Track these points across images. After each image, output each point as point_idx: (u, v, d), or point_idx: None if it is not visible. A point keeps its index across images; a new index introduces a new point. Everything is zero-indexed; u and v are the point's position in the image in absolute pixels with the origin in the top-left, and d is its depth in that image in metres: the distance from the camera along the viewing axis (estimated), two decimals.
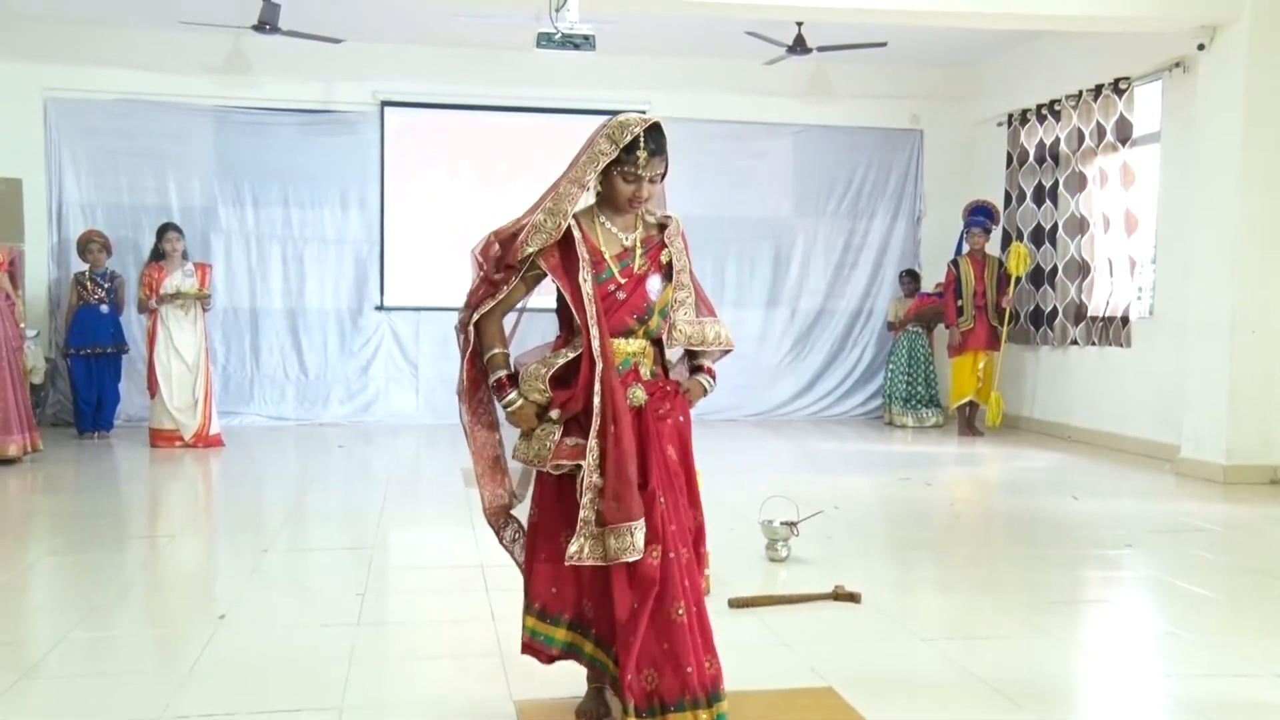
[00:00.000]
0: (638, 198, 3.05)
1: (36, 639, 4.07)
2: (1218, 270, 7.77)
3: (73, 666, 3.69)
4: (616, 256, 3.09)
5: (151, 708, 3.24)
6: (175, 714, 3.20)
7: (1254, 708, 3.36)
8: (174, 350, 8.95)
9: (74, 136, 10.24)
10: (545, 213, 3.07)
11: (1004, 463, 8.72)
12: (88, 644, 3.94)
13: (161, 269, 9.03)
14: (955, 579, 5.21)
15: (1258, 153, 7.55)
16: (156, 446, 8.86)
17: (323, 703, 3.29)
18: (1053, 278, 10.03)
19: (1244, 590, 4.92)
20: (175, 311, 8.98)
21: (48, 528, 6.33)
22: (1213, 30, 7.78)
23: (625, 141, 2.99)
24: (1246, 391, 7.64)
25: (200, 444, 8.89)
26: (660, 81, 10.89)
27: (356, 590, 4.58)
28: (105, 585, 4.76)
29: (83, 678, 3.59)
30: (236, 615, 4.26)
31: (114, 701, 3.32)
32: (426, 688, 3.50)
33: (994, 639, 4.09)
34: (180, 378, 8.94)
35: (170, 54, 10.15)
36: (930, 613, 4.58)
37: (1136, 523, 6.28)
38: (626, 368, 3.09)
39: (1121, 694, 3.60)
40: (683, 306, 3.18)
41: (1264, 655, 3.87)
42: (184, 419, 8.91)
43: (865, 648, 3.94)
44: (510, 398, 3.17)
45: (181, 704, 3.28)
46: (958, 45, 10.45)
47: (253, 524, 6.36)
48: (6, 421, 7.85)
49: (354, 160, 10.73)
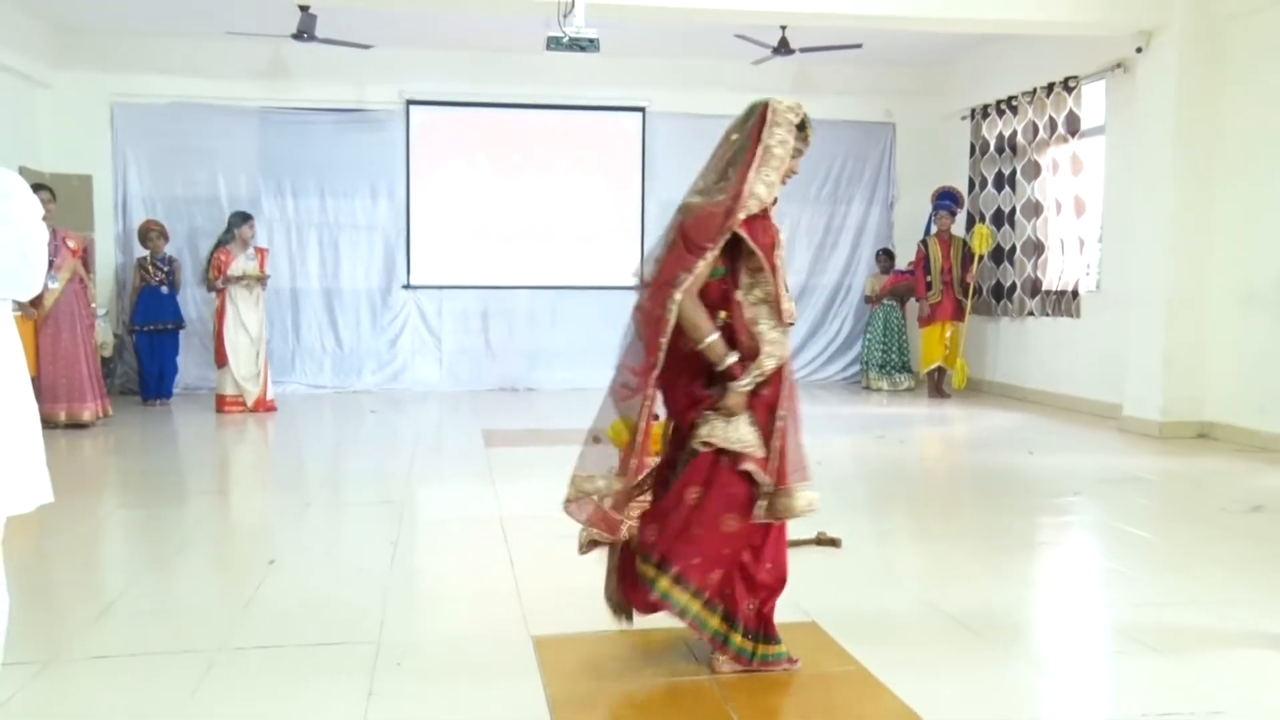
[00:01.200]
0: (793, 172, 2.99)
1: (111, 581, 4.12)
2: (1155, 250, 7.78)
3: (143, 604, 3.74)
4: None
5: (214, 639, 3.29)
6: (233, 646, 3.25)
7: (1182, 631, 3.41)
8: (241, 325, 8.99)
9: (136, 137, 10.23)
10: (764, 185, 2.89)
11: (968, 422, 8.75)
12: (155, 585, 4.00)
13: (229, 253, 9.06)
14: (925, 526, 5.25)
15: (1189, 145, 7.57)
16: (222, 411, 8.91)
17: (362, 637, 3.33)
18: (1011, 256, 10.02)
19: (1177, 532, 4.96)
20: (241, 291, 9.02)
21: (119, 484, 6.39)
22: (1149, 35, 7.78)
23: (799, 121, 2.96)
24: (1179, 356, 7.67)
25: (260, 409, 8.96)
26: (658, 80, 10.85)
27: (389, 540, 4.62)
28: (170, 535, 4.81)
29: (151, 614, 3.64)
30: (284, 562, 4.30)
31: (179, 635, 3.37)
32: (452, 625, 3.55)
33: (959, 579, 4.13)
34: (245, 350, 8.99)
35: (219, 61, 10.12)
36: (903, 557, 4.63)
37: (1084, 474, 6.31)
38: None
39: (1070, 624, 3.66)
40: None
41: (1193, 587, 3.92)
42: (248, 386, 8.97)
43: (845, 588, 3.97)
44: (745, 382, 2.87)
45: (238, 637, 3.33)
46: (926, 47, 10.40)
47: (297, 481, 6.41)
48: (81, 390, 7.89)
49: (383, 154, 10.70)
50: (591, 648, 3.26)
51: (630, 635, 3.30)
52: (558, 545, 4.55)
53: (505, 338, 10.99)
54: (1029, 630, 3.59)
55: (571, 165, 11.06)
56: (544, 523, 4.92)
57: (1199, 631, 3.43)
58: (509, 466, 6.49)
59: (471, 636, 3.39)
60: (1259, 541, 4.57)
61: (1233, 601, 3.73)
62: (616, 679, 3.02)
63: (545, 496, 5.53)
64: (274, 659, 3.18)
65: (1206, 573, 4.17)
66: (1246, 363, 7.26)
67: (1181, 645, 3.28)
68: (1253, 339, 7.20)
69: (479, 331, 10.99)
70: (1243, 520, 5.05)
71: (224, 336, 8.97)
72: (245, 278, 9.01)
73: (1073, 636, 3.54)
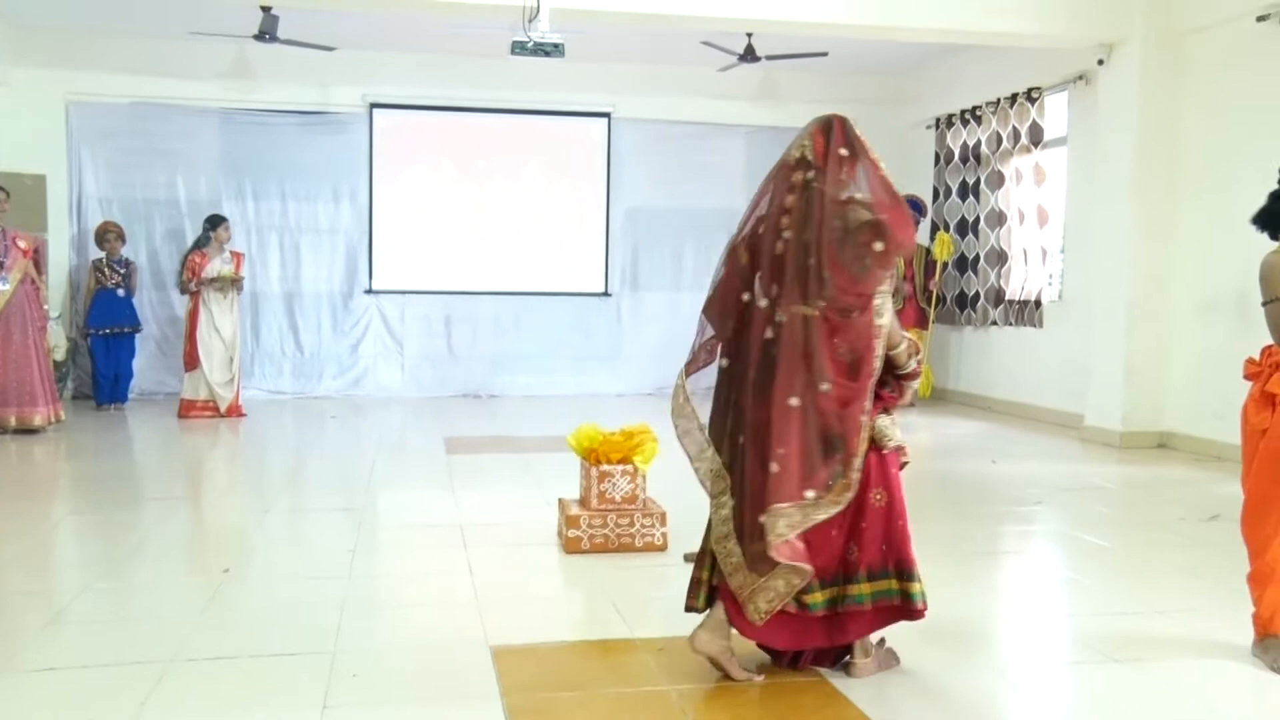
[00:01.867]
0: None
1: (62, 588, 4.05)
2: (1117, 260, 7.88)
3: (94, 613, 3.68)
4: None
5: (165, 649, 3.23)
6: (186, 656, 3.20)
7: (1141, 640, 3.44)
8: (214, 329, 8.90)
9: (93, 137, 10.08)
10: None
11: (933, 430, 8.80)
12: (108, 593, 3.93)
13: (204, 255, 8.96)
14: None
15: (1150, 156, 7.68)
16: (185, 417, 8.79)
17: (318, 647, 3.29)
18: (975, 265, 10.11)
19: (1136, 541, 5.01)
20: (215, 294, 8.93)
21: (71, 490, 6.28)
22: (1110, 48, 7.89)
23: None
24: (1140, 367, 7.76)
25: (231, 414, 8.86)
26: (624, 87, 10.85)
27: (348, 547, 4.57)
28: (123, 542, 4.73)
29: (104, 623, 3.58)
30: (240, 569, 4.25)
31: (132, 644, 3.31)
32: (411, 633, 3.51)
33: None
34: (219, 355, 8.89)
35: (180, 61, 9.99)
36: None
37: (1046, 483, 6.37)
38: None
39: (1032, 633, 3.68)
40: None
41: (1151, 596, 3.96)
42: (221, 391, 8.88)
43: None
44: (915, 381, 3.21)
45: (192, 647, 3.27)
46: (891, 56, 10.47)
47: (255, 487, 6.33)
48: (33, 394, 7.75)
49: (346, 157, 10.61)
50: (550, 658, 3.24)
51: (590, 646, 3.29)
52: (518, 553, 4.54)
53: (469, 344, 10.93)
54: (990, 639, 3.61)
55: (536, 170, 11.03)
56: (504, 530, 4.92)
57: (1159, 640, 3.46)
58: (470, 473, 6.46)
59: (429, 646, 3.35)
60: (1217, 550, 4.62)
61: (1192, 610, 3.76)
62: (575, 689, 3.00)
63: (506, 504, 5.56)
64: (227, 670, 3.12)
65: (1166, 582, 4.22)
66: (1204, 372, 7.34)
67: (1142, 655, 3.30)
68: (1211, 348, 7.29)
69: (442, 337, 10.92)
70: (1201, 529, 5.11)
71: (196, 340, 8.87)
72: (219, 280, 8.91)
73: (1034, 645, 3.56)
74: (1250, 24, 6.91)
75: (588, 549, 4.42)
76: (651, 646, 3.13)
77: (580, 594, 4.03)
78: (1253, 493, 3.26)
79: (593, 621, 3.68)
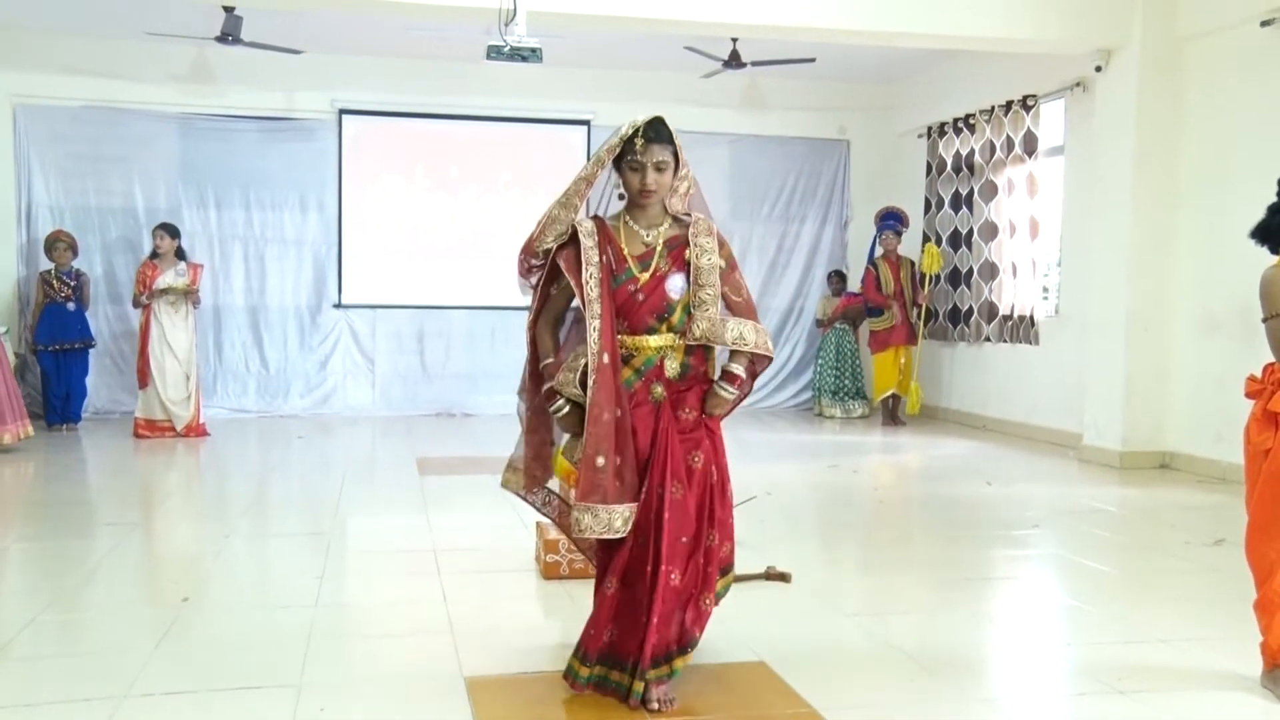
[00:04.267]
0: (646, 188, 3.02)
1: (6, 621, 3.97)
2: (1115, 273, 7.92)
3: (42, 647, 3.62)
4: (639, 257, 3.07)
5: (118, 685, 3.18)
6: (141, 691, 3.15)
7: (1145, 671, 3.43)
8: (166, 345, 8.84)
9: (42, 141, 10.01)
10: (559, 206, 3.08)
11: (924, 451, 8.83)
12: (56, 626, 3.87)
13: (155, 266, 8.91)
14: (879, 559, 5.27)
15: (1149, 165, 7.72)
16: (141, 436, 8.72)
17: (282, 680, 3.26)
18: (969, 279, 10.16)
19: (1137, 566, 5.03)
20: (167, 308, 8.87)
21: (19, 516, 6.20)
22: (1108, 54, 7.95)
23: (627, 134, 3.02)
24: (1140, 384, 7.80)
25: (191, 434, 8.81)
26: (604, 93, 10.87)
27: (315, 574, 4.54)
28: (74, 570, 4.67)
29: (52, 658, 3.53)
30: (200, 598, 4.21)
31: (82, 680, 3.26)
32: (382, 664, 3.48)
33: (914, 614, 4.15)
34: (173, 371, 8.84)
35: (136, 63, 9.96)
36: (856, 590, 4.64)
37: (1043, 505, 6.39)
38: (650, 365, 3.08)
39: (1027, 661, 3.68)
40: (704, 305, 3.08)
41: (1153, 624, 3.96)
42: (177, 410, 8.83)
43: (795, 624, 3.96)
44: (557, 405, 3.12)
45: (147, 682, 3.23)
46: (881, 62, 10.54)
47: (217, 511, 6.28)
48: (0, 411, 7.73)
49: (313, 165, 10.60)
50: (529, 689, 3.21)
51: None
52: (494, 579, 4.52)
53: (442, 360, 10.91)
54: (986, 668, 3.61)
55: (513, 179, 11.04)
56: (480, 555, 4.89)
57: (1164, 671, 3.46)
58: (444, 496, 6.43)
59: (401, 677, 3.33)
60: (1222, 575, 4.64)
61: (1198, 639, 3.76)
62: None
63: (482, 527, 5.53)
64: (185, 705, 3.09)
65: (1170, 609, 4.21)
66: (1207, 389, 7.38)
67: (1147, 686, 3.30)
68: (1212, 365, 7.33)
69: (414, 353, 10.89)
70: (1205, 554, 5.13)
71: (148, 355, 8.81)
72: (170, 292, 8.85)
73: (1032, 675, 3.56)
74: (1254, 29, 6.98)
75: (567, 574, 4.40)
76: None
77: (559, 622, 4.00)
78: (1256, 516, 3.27)
79: (572, 651, 3.65)
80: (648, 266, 3.06)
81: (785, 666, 3.40)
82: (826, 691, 3.19)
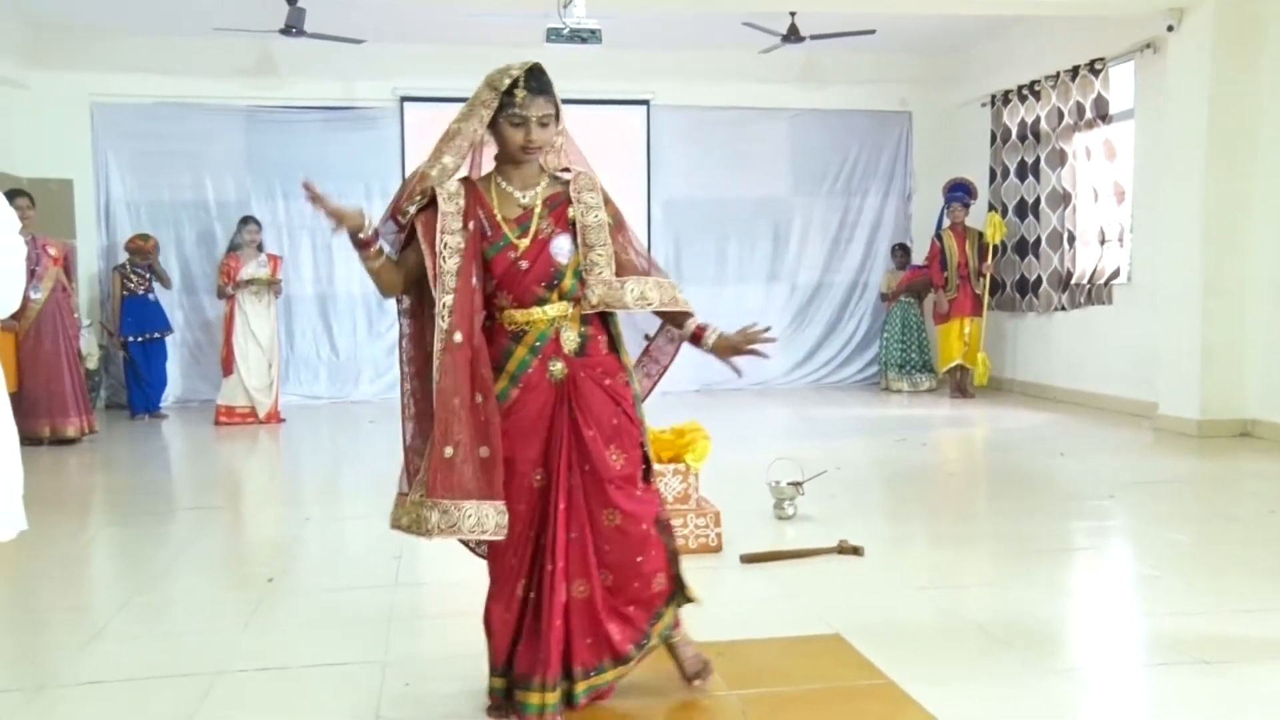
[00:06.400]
0: (530, 144, 2.73)
1: (103, 603, 4.13)
2: (1189, 239, 7.77)
3: (137, 628, 3.75)
4: (515, 220, 2.76)
5: (210, 662, 3.29)
6: (233, 669, 3.26)
7: (1228, 641, 3.39)
8: (250, 334, 9.07)
9: (117, 139, 10.29)
10: (427, 165, 2.82)
11: (993, 423, 8.74)
12: (149, 607, 4.01)
13: (238, 258, 9.14)
14: (950, 532, 5.24)
15: (1224, 128, 7.54)
16: (221, 424, 8.95)
17: (368, 656, 3.35)
18: (1036, 248, 10.02)
19: (1215, 536, 4.95)
20: (251, 298, 9.10)
21: (108, 502, 6.41)
22: (1180, 13, 7.75)
23: (505, 85, 2.71)
24: (1217, 351, 7.65)
25: (271, 420, 9.04)
26: (663, 72, 10.87)
27: (393, 554, 4.62)
28: (163, 554, 4.82)
29: (146, 638, 3.65)
30: (283, 579, 4.32)
31: (176, 658, 3.37)
32: (460, 641, 3.54)
33: (986, 586, 4.13)
34: (256, 359, 9.07)
35: (204, 59, 10.17)
36: (928, 564, 4.62)
37: (1118, 476, 6.31)
38: (544, 340, 2.75)
39: (1104, 632, 3.65)
40: (596, 267, 2.76)
41: (1236, 594, 3.90)
42: (260, 397, 9.06)
43: (868, 598, 3.96)
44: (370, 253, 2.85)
45: (237, 660, 3.33)
46: (942, 32, 10.40)
47: (295, 495, 6.43)
48: (64, 404, 7.92)
49: (376, 154, 10.72)
50: None
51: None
52: None
53: None
54: (1062, 640, 3.59)
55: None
56: None
57: (1248, 641, 3.41)
58: None
59: (480, 652, 3.39)
60: None
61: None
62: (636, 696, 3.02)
63: None
64: (276, 681, 3.19)
65: (1251, 579, 4.14)
66: None
67: (1229, 657, 3.25)
68: None
69: None
70: None
71: (233, 345, 9.03)
72: (254, 283, 9.06)
73: (1110, 647, 3.53)
74: None
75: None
76: (710, 651, 3.15)
77: None
78: None
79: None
80: (526, 230, 2.74)
81: (860, 639, 3.41)
82: (903, 663, 3.19)
